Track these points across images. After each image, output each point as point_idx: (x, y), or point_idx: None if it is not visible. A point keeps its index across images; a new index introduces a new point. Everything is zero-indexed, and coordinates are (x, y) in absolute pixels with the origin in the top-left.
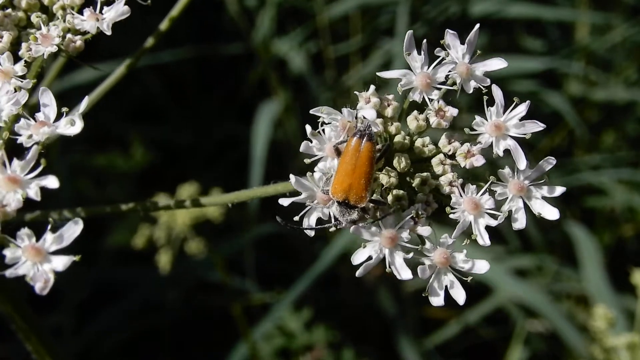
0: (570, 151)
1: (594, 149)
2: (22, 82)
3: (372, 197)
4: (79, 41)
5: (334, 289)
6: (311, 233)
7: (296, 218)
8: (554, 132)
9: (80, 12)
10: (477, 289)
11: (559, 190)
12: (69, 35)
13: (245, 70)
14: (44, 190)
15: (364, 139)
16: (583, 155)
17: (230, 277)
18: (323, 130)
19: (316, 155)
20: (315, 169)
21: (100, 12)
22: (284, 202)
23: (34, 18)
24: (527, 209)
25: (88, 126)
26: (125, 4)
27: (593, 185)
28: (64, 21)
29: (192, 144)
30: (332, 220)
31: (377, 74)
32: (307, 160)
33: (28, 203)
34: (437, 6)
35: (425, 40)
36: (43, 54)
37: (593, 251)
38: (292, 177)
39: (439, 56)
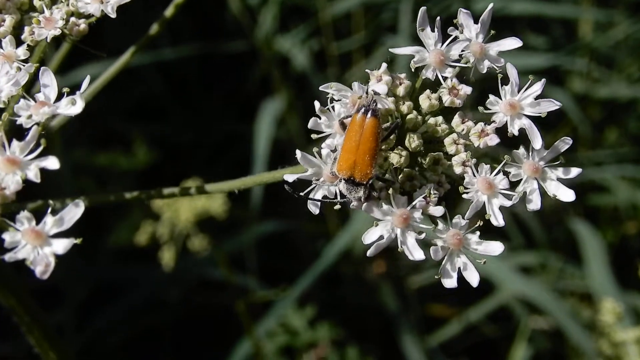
0: (573, 148)
1: (597, 146)
2: (24, 66)
3: (381, 176)
4: (82, 24)
5: (336, 287)
6: (316, 210)
7: (302, 194)
8: (557, 129)
9: None
10: (480, 286)
11: (575, 171)
12: (72, 19)
13: (248, 68)
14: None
15: (368, 115)
16: (586, 153)
17: (233, 275)
18: (332, 107)
19: (324, 132)
20: (323, 145)
21: None
22: (289, 177)
23: (36, 1)
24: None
25: (90, 125)
26: None
27: (596, 183)
28: (68, 4)
29: (194, 142)
30: (339, 198)
31: (390, 49)
32: (314, 136)
33: (30, 194)
34: (439, 3)
35: (439, 17)
36: (46, 37)
37: (597, 248)
38: (298, 152)
39: (451, 35)
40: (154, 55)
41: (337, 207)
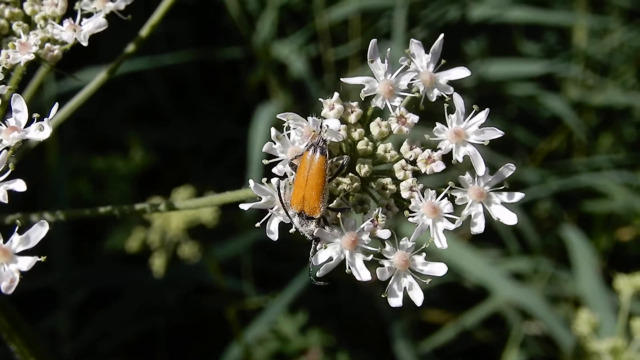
0: (568, 155)
1: (592, 152)
2: None
3: (333, 205)
4: (56, 50)
5: (330, 293)
6: (274, 237)
7: (258, 225)
8: (552, 136)
9: (62, 23)
10: (474, 292)
11: (518, 196)
12: (47, 45)
13: (246, 72)
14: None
15: (317, 153)
16: (581, 158)
17: (226, 280)
18: (289, 134)
19: (277, 157)
20: (274, 170)
21: (80, 23)
22: (244, 207)
23: (15, 27)
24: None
25: (88, 129)
26: (105, 17)
27: (591, 189)
28: (44, 31)
29: (193, 147)
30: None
31: (341, 79)
32: (265, 161)
33: (28, 199)
34: (436, 10)
35: (389, 49)
36: (20, 62)
37: (588, 255)
38: (251, 182)
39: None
40: (152, 62)
41: (292, 230)
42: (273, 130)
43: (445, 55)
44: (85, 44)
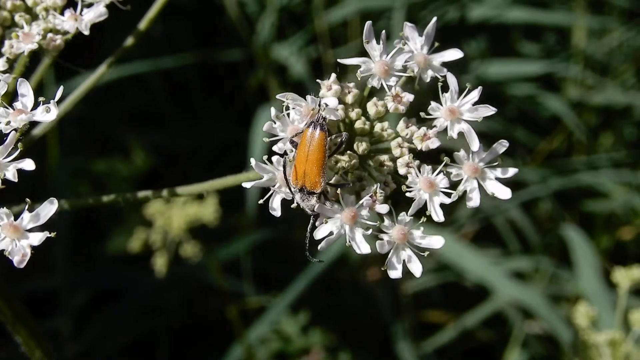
0: (568, 154)
1: (592, 152)
2: (2, 76)
3: (332, 182)
4: (59, 40)
5: (332, 294)
6: (277, 213)
7: (261, 201)
8: (552, 136)
9: (63, 13)
10: (475, 292)
11: (512, 171)
12: (49, 35)
13: (246, 74)
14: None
15: (317, 129)
16: (581, 158)
17: (227, 281)
18: (288, 114)
19: (278, 136)
20: (274, 148)
21: (80, 13)
22: (247, 185)
23: (17, 18)
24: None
25: (89, 131)
26: (105, 7)
27: (591, 188)
28: (45, 21)
29: (193, 148)
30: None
31: (338, 60)
32: (265, 139)
33: (22, 198)
34: (435, 11)
35: (384, 31)
36: (24, 51)
37: (589, 254)
38: (252, 160)
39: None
40: (153, 64)
41: (294, 205)
42: (273, 110)
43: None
44: (86, 33)
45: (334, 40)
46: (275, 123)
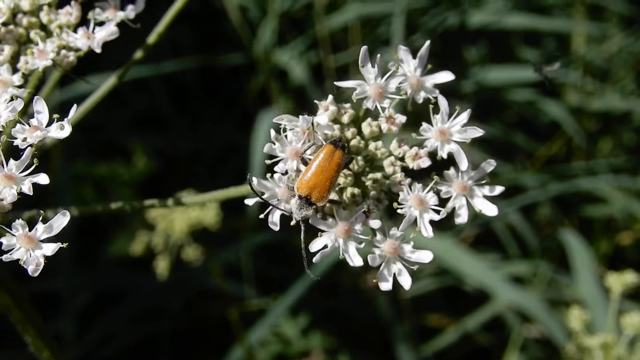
0: (567, 160)
1: (591, 157)
2: (18, 91)
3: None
4: (72, 57)
5: (332, 297)
6: (276, 227)
7: (261, 216)
8: (551, 141)
9: (76, 31)
10: (475, 296)
11: (499, 189)
12: (63, 51)
13: (247, 79)
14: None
15: (339, 148)
16: (581, 163)
17: (228, 284)
18: (286, 135)
19: (278, 157)
20: (276, 168)
21: (93, 31)
22: (249, 202)
23: (33, 35)
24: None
25: (91, 136)
26: (116, 26)
27: (591, 193)
28: (59, 39)
29: (194, 152)
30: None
31: (335, 83)
32: (267, 162)
33: (31, 205)
34: (435, 17)
35: (379, 55)
36: (38, 67)
37: (587, 259)
38: (254, 178)
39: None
40: (155, 69)
41: (293, 222)
42: (272, 132)
43: (445, 61)
44: (98, 50)
45: (335, 45)
46: (274, 144)
